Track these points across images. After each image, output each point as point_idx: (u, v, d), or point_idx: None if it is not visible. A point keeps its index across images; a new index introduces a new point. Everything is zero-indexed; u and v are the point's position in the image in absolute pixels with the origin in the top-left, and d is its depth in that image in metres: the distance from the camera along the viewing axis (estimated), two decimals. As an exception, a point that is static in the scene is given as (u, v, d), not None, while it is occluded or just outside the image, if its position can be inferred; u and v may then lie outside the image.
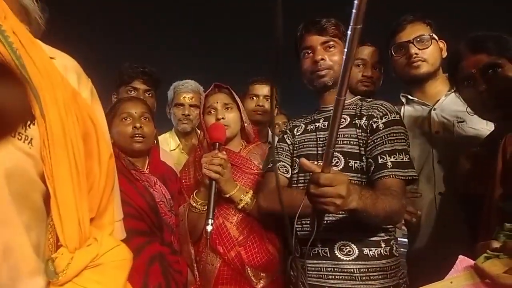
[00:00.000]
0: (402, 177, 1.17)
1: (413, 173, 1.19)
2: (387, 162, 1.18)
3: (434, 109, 1.53)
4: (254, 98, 2.06)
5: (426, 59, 1.50)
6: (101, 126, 0.68)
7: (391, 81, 1.75)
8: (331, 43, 1.32)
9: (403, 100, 1.64)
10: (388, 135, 1.22)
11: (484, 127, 1.42)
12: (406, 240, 1.61)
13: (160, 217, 1.31)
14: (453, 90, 1.53)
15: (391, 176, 1.16)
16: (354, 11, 0.56)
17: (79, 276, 0.59)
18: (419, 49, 1.50)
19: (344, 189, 0.90)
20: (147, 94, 1.89)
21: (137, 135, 1.35)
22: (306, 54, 1.35)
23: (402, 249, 1.58)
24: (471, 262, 0.75)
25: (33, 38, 0.64)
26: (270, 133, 2.09)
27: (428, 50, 1.50)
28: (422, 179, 1.48)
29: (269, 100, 2.10)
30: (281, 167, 1.37)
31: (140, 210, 1.26)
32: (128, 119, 1.37)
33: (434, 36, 1.52)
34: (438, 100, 1.54)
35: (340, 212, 1.10)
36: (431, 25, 1.55)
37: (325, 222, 1.14)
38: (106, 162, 0.67)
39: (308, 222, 1.17)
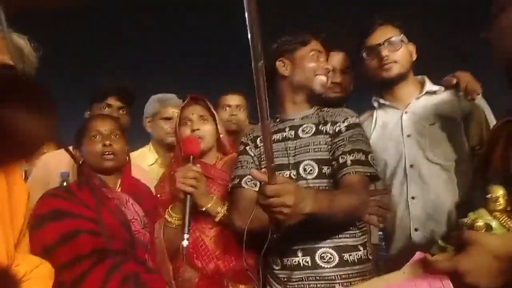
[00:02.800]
0: (362, 173, 1.20)
1: (372, 170, 1.23)
2: (347, 160, 1.22)
3: (406, 112, 1.54)
4: (227, 108, 2.09)
5: (397, 61, 1.52)
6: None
7: (362, 86, 1.77)
8: None
9: (375, 104, 1.65)
10: (349, 137, 1.27)
11: (454, 129, 1.45)
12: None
13: (133, 236, 1.30)
14: (424, 92, 1.56)
15: (351, 172, 1.20)
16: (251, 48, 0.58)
17: None
18: (389, 51, 1.51)
19: (290, 199, 0.92)
20: (121, 111, 1.88)
21: (107, 153, 1.33)
22: None
23: (382, 253, 1.58)
24: (423, 255, 0.80)
25: None
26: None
27: (398, 52, 1.52)
28: (395, 183, 1.49)
29: (241, 110, 2.14)
30: (249, 181, 1.34)
31: (112, 230, 1.24)
32: (97, 137, 1.36)
33: (404, 38, 1.54)
34: (410, 103, 1.56)
35: (316, 220, 1.09)
36: (400, 28, 1.56)
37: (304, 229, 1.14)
38: (24, 203, 0.85)
39: (286, 234, 1.19)
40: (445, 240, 0.89)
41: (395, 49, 1.51)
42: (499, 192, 0.84)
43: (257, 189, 1.34)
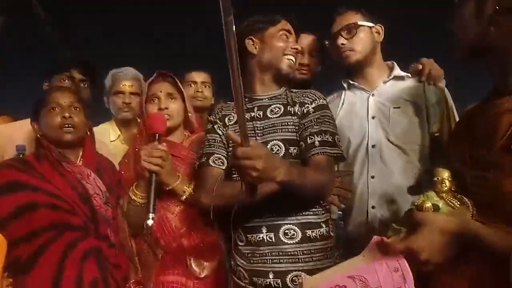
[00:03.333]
0: (329, 154, 1.25)
1: (339, 151, 1.27)
2: (315, 141, 1.26)
3: (373, 95, 1.58)
4: (192, 85, 2.08)
5: (354, 48, 1.53)
6: None
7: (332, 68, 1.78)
8: None
9: (345, 85, 1.67)
10: (317, 119, 1.29)
11: (417, 114, 1.50)
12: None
13: (94, 210, 1.26)
14: (392, 77, 1.59)
15: (319, 153, 1.24)
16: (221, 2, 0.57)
17: None
18: (346, 38, 1.52)
19: (260, 163, 0.94)
20: (82, 84, 1.80)
21: (66, 126, 1.28)
22: None
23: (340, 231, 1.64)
24: (379, 238, 0.85)
25: None
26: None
27: (354, 39, 1.52)
28: (357, 161, 1.54)
29: (207, 87, 2.13)
30: (216, 160, 1.34)
31: (72, 204, 1.21)
32: (56, 109, 1.30)
33: (362, 23, 1.54)
34: (378, 86, 1.59)
35: (282, 197, 1.14)
36: (363, 13, 1.57)
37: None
38: None
39: (251, 210, 1.23)
40: (399, 223, 0.94)
41: (351, 36, 1.52)
42: (444, 174, 0.91)
43: (224, 167, 1.35)
